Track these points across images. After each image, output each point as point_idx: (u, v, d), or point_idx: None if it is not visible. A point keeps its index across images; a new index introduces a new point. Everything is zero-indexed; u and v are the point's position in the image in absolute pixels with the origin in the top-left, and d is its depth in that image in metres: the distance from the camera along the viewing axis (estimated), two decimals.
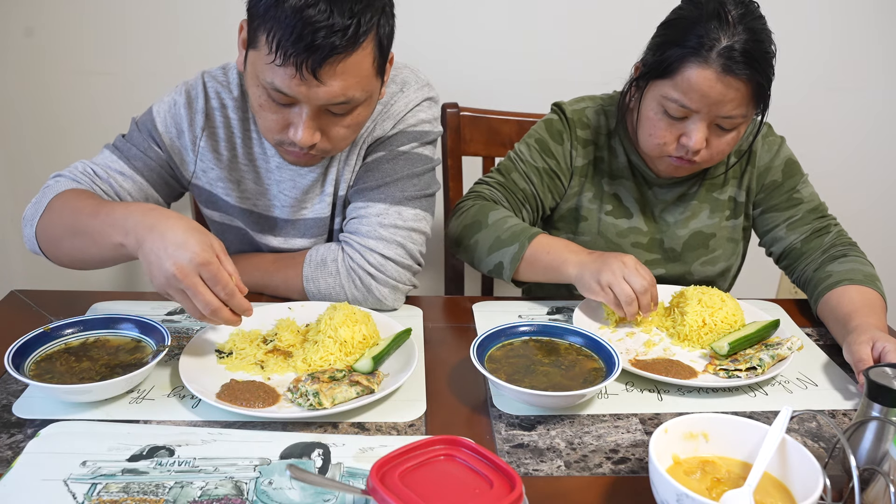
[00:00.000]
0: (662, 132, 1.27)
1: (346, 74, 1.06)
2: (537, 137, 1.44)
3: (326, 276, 1.24)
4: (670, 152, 1.28)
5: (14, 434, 0.92)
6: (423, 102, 1.30)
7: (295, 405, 0.98)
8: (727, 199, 1.43)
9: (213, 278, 0.99)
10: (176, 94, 1.27)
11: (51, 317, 1.21)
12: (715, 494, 0.80)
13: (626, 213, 1.43)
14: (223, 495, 0.83)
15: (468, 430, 0.97)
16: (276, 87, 1.07)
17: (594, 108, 1.44)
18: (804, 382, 1.12)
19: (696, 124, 1.24)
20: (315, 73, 1.04)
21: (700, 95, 1.20)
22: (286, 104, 1.10)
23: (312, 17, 1.01)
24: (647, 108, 1.29)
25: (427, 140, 1.31)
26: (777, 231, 1.40)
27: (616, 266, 1.17)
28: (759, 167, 1.41)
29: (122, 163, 1.25)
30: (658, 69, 1.25)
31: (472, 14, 1.98)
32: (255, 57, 1.08)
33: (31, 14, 1.91)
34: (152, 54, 1.95)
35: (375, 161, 1.28)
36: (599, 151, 1.43)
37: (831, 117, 2.16)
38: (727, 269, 1.47)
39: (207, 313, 1.00)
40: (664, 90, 1.24)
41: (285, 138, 1.14)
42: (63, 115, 2.02)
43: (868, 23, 2.06)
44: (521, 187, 1.42)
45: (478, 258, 1.35)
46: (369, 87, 1.12)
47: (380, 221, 1.25)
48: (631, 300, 1.16)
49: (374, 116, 1.27)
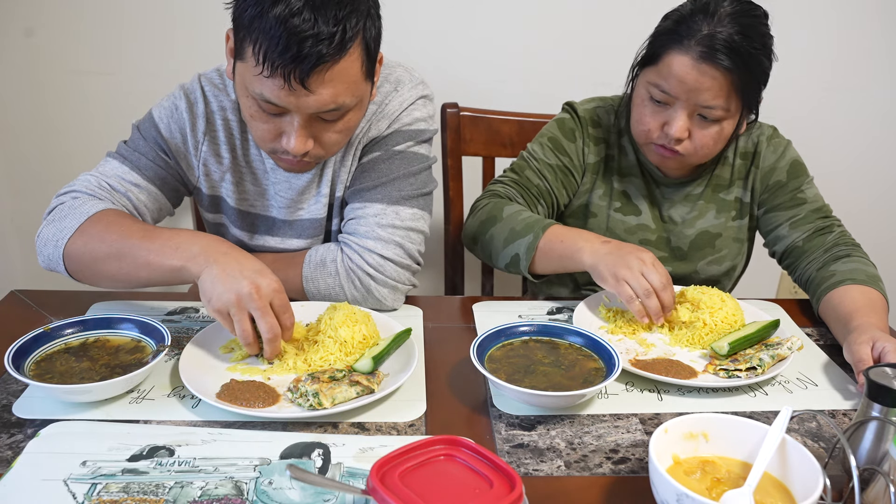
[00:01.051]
0: (647, 118, 1.31)
1: (335, 81, 1.06)
2: (550, 136, 1.46)
3: (326, 277, 1.24)
4: (654, 139, 1.31)
5: (14, 434, 0.92)
6: (417, 101, 1.30)
7: (295, 405, 0.98)
8: (733, 200, 1.44)
9: (283, 306, 1.05)
10: (176, 99, 1.26)
11: (51, 317, 1.21)
12: (715, 494, 0.80)
13: (634, 211, 1.45)
14: (223, 495, 0.83)
15: (468, 430, 0.97)
16: (266, 98, 1.07)
17: (605, 107, 1.47)
18: (804, 382, 1.12)
19: (677, 112, 1.27)
20: (303, 82, 1.03)
21: (678, 81, 1.24)
22: (277, 114, 1.10)
23: (297, 26, 1.00)
24: (637, 95, 1.34)
25: (422, 139, 1.31)
26: (780, 230, 1.40)
27: (634, 262, 1.18)
28: (763, 168, 1.42)
29: (136, 174, 1.24)
30: (647, 57, 1.31)
31: (472, 14, 1.98)
32: (243, 69, 1.08)
33: (30, 14, 1.91)
34: (151, 54, 1.95)
35: (371, 161, 1.28)
36: (610, 149, 1.46)
37: (833, 118, 2.16)
38: (732, 269, 1.48)
39: (270, 336, 1.03)
40: (650, 76, 1.29)
41: (278, 147, 1.14)
42: (62, 114, 2.02)
43: (872, 23, 2.06)
44: (535, 183, 1.44)
45: (494, 252, 1.36)
46: (359, 92, 1.11)
47: (378, 222, 1.25)
48: (649, 293, 1.16)
49: (369, 116, 1.27)
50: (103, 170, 1.24)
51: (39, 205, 2.07)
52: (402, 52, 1.49)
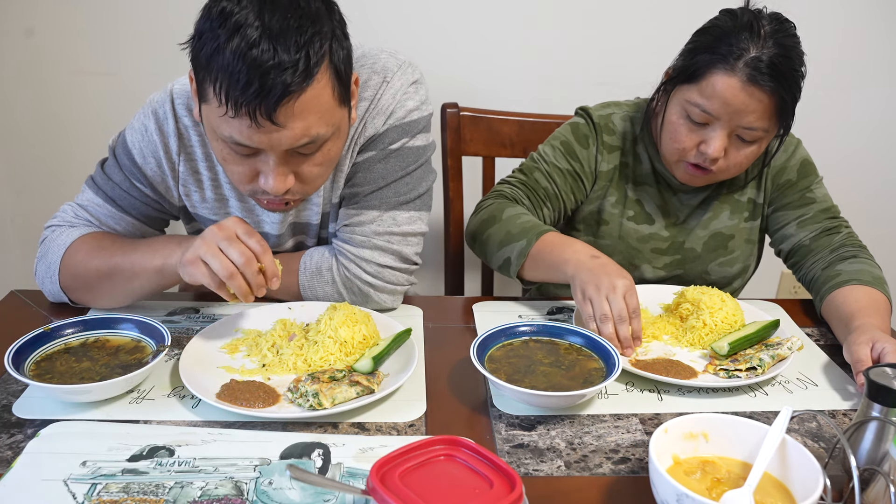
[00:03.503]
0: (683, 137, 1.28)
1: (306, 112, 0.98)
2: (562, 140, 1.44)
3: (323, 285, 1.24)
4: (689, 158, 1.29)
5: (14, 434, 0.92)
6: (409, 88, 1.23)
7: (295, 405, 0.98)
8: (746, 201, 1.43)
9: (247, 232, 1.04)
10: (144, 119, 1.20)
11: (51, 317, 1.21)
12: (715, 494, 0.80)
13: (647, 220, 1.43)
14: (223, 495, 0.83)
15: (468, 430, 0.97)
16: (236, 140, 1.00)
17: (620, 114, 1.45)
18: (804, 382, 1.12)
19: (716, 132, 1.24)
20: (271, 118, 0.96)
21: (723, 102, 1.21)
22: (250, 154, 1.04)
23: (257, 58, 0.93)
24: (672, 112, 1.30)
25: (417, 129, 1.25)
26: (787, 228, 1.40)
27: (605, 284, 1.14)
28: (774, 166, 1.41)
29: (109, 206, 1.22)
30: (685, 73, 1.26)
31: (472, 14, 1.98)
32: (208, 111, 1.01)
33: (30, 14, 1.91)
34: (151, 54, 1.95)
35: (367, 161, 1.23)
36: (625, 157, 1.44)
37: (834, 117, 2.16)
38: (744, 270, 1.47)
39: (242, 261, 1.01)
40: (689, 95, 1.25)
41: (257, 188, 1.08)
42: (62, 115, 2.02)
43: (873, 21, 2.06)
44: (542, 185, 1.42)
45: (489, 252, 1.35)
46: (333, 120, 1.04)
47: (374, 230, 1.22)
48: (606, 319, 1.12)
49: (363, 114, 1.21)
50: (80, 201, 1.24)
51: (40, 205, 2.09)
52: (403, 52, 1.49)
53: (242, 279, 1.03)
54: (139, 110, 1.22)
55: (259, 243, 1.04)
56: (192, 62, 1.01)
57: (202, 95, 1.01)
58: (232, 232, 1.03)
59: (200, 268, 1.03)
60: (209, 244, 1.02)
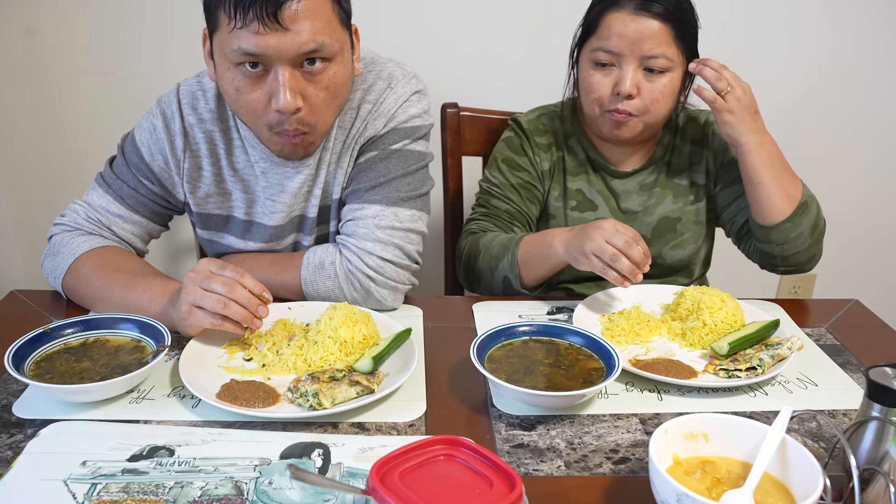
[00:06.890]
0: (597, 85, 1.35)
1: (309, 17, 1.07)
2: (502, 157, 1.51)
3: (325, 280, 1.24)
4: (608, 106, 1.35)
5: (14, 434, 0.92)
6: (412, 97, 1.29)
7: (295, 405, 0.98)
8: (689, 185, 1.49)
9: (221, 266, 1.07)
10: (153, 117, 1.27)
11: (51, 317, 1.21)
12: (715, 494, 0.80)
13: (591, 206, 1.48)
14: (223, 495, 0.83)
15: (468, 430, 0.97)
16: (246, 50, 1.07)
17: (548, 114, 1.53)
18: (804, 382, 1.12)
19: (623, 69, 1.32)
20: (277, 17, 1.04)
21: (619, 36, 1.31)
22: (261, 74, 1.10)
23: None
24: (582, 69, 1.39)
25: (419, 135, 1.30)
26: (740, 201, 1.44)
27: (595, 234, 1.19)
28: (715, 147, 1.48)
29: (119, 204, 1.28)
30: (585, 30, 1.38)
31: (471, 14, 1.98)
32: (220, 40, 1.10)
33: (30, 14, 1.91)
34: (151, 54, 1.95)
35: (368, 161, 1.27)
36: (559, 151, 1.50)
37: (829, 116, 2.16)
38: (696, 252, 1.51)
39: (226, 292, 1.05)
40: (591, 45, 1.36)
41: (271, 116, 1.13)
42: (62, 115, 2.02)
43: (868, 21, 2.06)
44: (503, 209, 1.47)
45: (487, 282, 1.40)
46: (337, 36, 1.12)
47: (376, 223, 1.24)
48: (617, 257, 1.17)
49: (365, 116, 1.27)
50: (90, 199, 1.29)
51: (40, 205, 2.09)
52: (402, 51, 1.49)
53: (237, 305, 1.06)
54: (149, 110, 1.28)
55: (234, 271, 1.08)
56: (205, 8, 1.11)
57: (214, 25, 1.10)
58: (206, 270, 1.08)
59: (197, 314, 1.06)
60: (192, 290, 1.06)
